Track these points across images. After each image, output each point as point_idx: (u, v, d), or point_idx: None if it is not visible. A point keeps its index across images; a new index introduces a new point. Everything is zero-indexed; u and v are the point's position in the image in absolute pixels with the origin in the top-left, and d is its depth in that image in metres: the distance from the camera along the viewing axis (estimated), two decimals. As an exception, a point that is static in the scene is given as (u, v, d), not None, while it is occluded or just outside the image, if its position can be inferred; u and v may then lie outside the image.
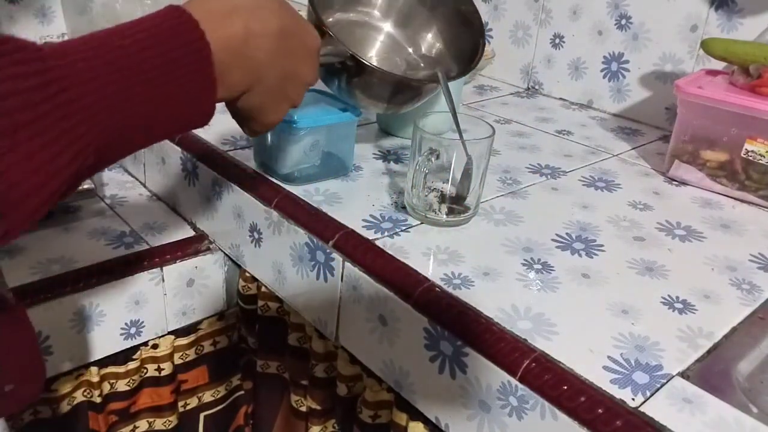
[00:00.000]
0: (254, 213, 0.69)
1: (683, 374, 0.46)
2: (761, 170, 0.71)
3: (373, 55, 0.78)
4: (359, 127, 0.79)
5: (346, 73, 0.64)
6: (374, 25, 0.78)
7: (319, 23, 0.62)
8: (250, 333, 0.82)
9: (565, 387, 0.44)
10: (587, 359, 0.46)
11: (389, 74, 0.65)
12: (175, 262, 0.77)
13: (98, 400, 0.74)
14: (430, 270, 0.56)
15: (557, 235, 0.63)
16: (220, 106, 0.46)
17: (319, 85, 0.58)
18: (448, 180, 0.62)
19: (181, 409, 0.83)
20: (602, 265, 0.58)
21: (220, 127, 0.84)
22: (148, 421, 0.80)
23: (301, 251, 0.64)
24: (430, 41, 0.78)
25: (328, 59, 0.62)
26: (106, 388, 0.75)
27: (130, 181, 0.94)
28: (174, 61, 0.39)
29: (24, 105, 0.31)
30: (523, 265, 0.58)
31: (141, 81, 0.37)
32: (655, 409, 0.42)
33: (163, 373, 0.79)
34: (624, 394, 0.43)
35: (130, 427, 0.79)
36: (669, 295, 0.55)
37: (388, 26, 0.78)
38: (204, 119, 0.43)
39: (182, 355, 0.81)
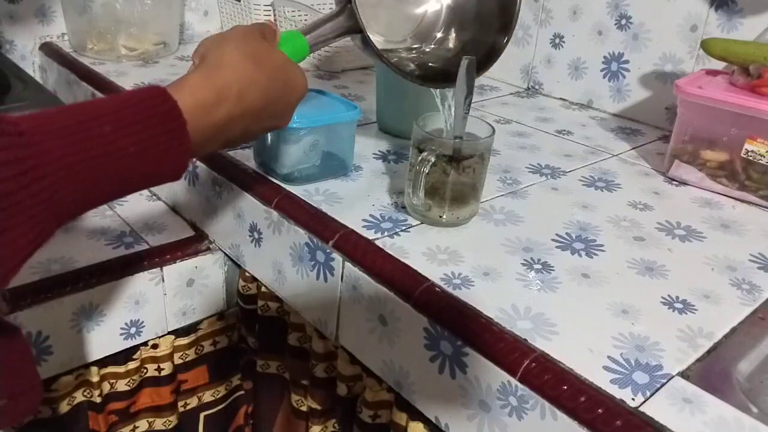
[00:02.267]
0: (254, 213, 0.69)
1: (683, 374, 0.46)
2: (761, 170, 0.71)
3: (411, 15, 0.75)
4: (359, 127, 0.79)
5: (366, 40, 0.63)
6: None
7: None
8: (250, 333, 0.82)
9: (565, 387, 0.44)
10: (587, 359, 0.46)
11: (392, 65, 0.64)
12: (175, 262, 0.77)
13: (98, 400, 0.74)
14: (430, 270, 0.56)
15: (557, 235, 0.63)
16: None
17: (319, 84, 0.58)
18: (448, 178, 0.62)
19: (181, 409, 0.83)
20: (602, 265, 0.58)
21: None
22: (148, 421, 0.80)
23: (301, 251, 0.64)
24: (457, 38, 0.76)
25: (345, 36, 0.61)
26: (106, 388, 0.75)
27: (130, 181, 0.94)
28: (153, 147, 0.40)
29: None
30: (523, 265, 0.58)
31: (116, 167, 0.38)
32: (655, 409, 0.42)
33: (163, 373, 0.79)
34: (624, 394, 0.43)
35: (130, 427, 0.79)
36: (669, 295, 0.55)
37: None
38: (172, 181, 0.44)
39: (182, 355, 0.81)
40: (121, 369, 0.76)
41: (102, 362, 0.74)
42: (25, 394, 0.44)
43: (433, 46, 0.76)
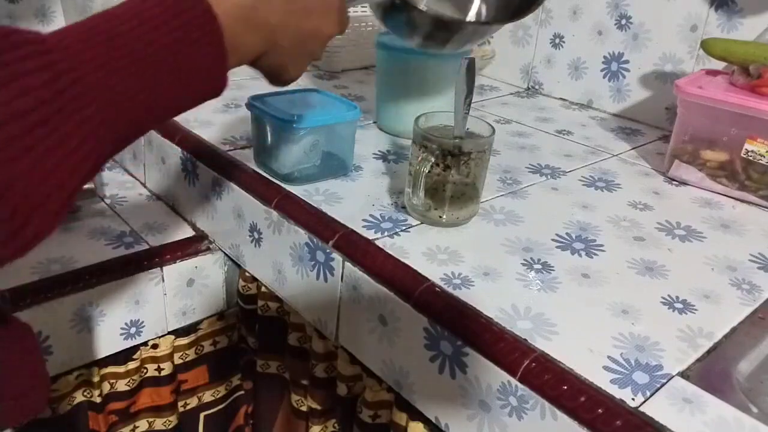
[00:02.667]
0: (254, 213, 0.69)
1: (683, 374, 0.46)
2: (761, 170, 0.71)
3: None
4: (359, 127, 0.79)
5: (397, 9, 0.62)
6: None
7: None
8: (250, 333, 0.82)
9: (565, 387, 0.44)
10: (587, 359, 0.46)
11: (433, 14, 0.63)
12: (175, 262, 0.77)
13: (98, 400, 0.74)
14: (430, 270, 0.56)
15: (557, 235, 0.63)
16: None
17: (319, 84, 0.58)
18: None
19: (181, 409, 0.83)
20: (602, 265, 0.58)
21: (220, 127, 0.84)
22: (148, 421, 0.80)
23: (301, 251, 0.64)
24: None
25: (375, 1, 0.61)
26: (106, 388, 0.75)
27: (130, 181, 0.94)
28: (182, 39, 0.37)
29: (35, 103, 0.30)
30: (523, 265, 0.58)
31: (150, 62, 0.36)
32: (655, 409, 0.42)
33: (163, 373, 0.79)
34: (624, 394, 0.43)
35: (130, 427, 0.79)
36: (669, 295, 0.55)
37: None
38: (218, 91, 0.41)
39: (182, 355, 0.81)
40: (121, 369, 0.76)
41: (102, 362, 0.74)
42: (30, 394, 0.44)
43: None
